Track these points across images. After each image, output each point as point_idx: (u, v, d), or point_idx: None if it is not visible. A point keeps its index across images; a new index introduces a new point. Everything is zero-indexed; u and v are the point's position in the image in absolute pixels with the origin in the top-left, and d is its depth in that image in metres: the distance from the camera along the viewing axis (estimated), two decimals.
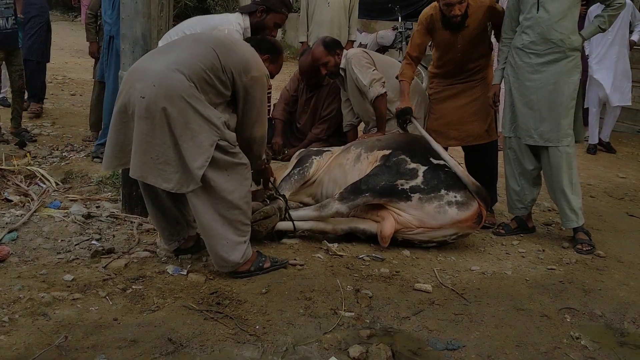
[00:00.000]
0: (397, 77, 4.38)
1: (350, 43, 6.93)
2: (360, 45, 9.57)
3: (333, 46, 4.61)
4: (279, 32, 14.91)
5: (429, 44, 4.42)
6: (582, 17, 6.94)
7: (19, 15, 6.03)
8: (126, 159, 3.10)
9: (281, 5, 3.93)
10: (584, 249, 4.02)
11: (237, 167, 3.18)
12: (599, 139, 7.14)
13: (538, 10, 3.90)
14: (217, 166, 3.07)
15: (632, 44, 6.96)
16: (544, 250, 4.04)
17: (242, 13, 3.90)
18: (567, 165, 4.00)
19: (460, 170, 3.85)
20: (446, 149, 4.53)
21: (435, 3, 4.19)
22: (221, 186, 3.10)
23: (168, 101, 2.94)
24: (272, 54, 3.67)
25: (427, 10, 4.28)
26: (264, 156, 3.53)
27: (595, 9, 6.89)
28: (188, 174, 3.00)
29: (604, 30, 4.09)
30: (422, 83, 6.43)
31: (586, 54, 7.10)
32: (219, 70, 3.11)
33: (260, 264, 3.35)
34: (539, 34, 3.92)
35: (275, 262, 3.43)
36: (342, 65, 4.65)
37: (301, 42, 6.93)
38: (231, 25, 3.79)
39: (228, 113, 3.23)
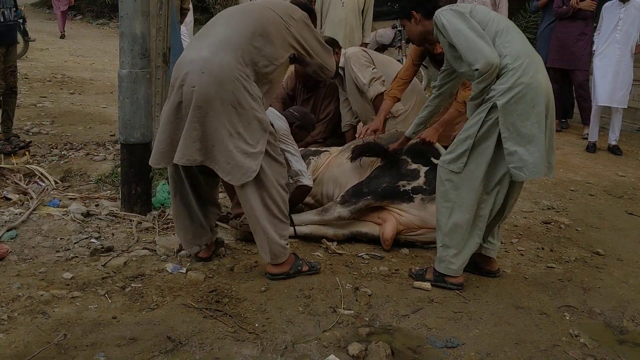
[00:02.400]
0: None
1: (364, 45, 6.88)
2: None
3: (332, 45, 4.60)
4: None
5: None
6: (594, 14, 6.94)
7: (19, 8, 5.87)
8: (180, 154, 3.02)
9: (312, 127, 4.25)
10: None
11: (280, 163, 3.21)
12: (608, 144, 7.11)
13: None
14: (268, 154, 3.09)
15: (639, 48, 6.86)
16: (542, 249, 4.04)
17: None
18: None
19: None
20: None
21: None
22: (269, 175, 3.12)
23: (219, 87, 2.93)
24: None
25: None
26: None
27: (610, 5, 6.88)
28: (244, 164, 3.00)
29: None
30: (421, 83, 6.43)
31: (593, 48, 7.09)
32: (267, 36, 3.07)
33: (299, 267, 3.34)
34: None
35: (312, 266, 3.41)
36: (341, 64, 4.64)
37: None
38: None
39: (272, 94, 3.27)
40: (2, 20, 5.30)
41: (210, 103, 2.93)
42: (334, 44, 4.64)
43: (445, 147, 4.17)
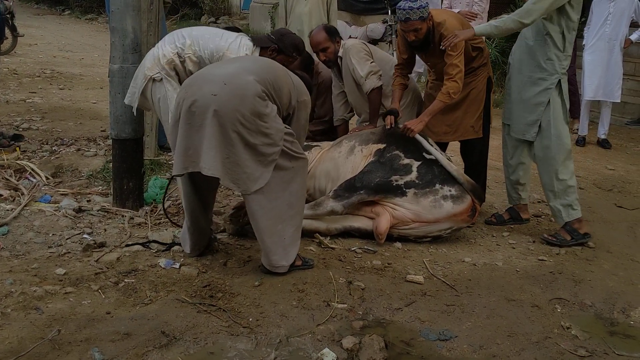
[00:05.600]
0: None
1: None
2: (350, 38, 9.53)
3: (334, 33, 4.60)
4: (269, 23, 14.86)
5: None
6: None
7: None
8: (189, 162, 3.03)
9: (293, 49, 3.98)
10: (548, 238, 4.07)
11: (299, 160, 3.22)
12: (598, 138, 7.14)
13: None
14: (283, 156, 3.13)
15: (627, 43, 6.91)
16: (534, 242, 4.07)
17: (254, 44, 3.86)
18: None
19: (455, 168, 3.87)
20: (447, 144, 4.55)
21: None
22: (284, 177, 3.14)
23: (239, 99, 2.97)
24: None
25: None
26: None
27: (599, 0, 6.91)
28: (255, 174, 3.04)
29: (496, 35, 3.93)
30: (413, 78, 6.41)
31: (582, 43, 7.09)
32: (281, 88, 3.17)
33: (293, 262, 3.33)
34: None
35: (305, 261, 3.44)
36: (339, 54, 4.63)
37: None
38: (240, 54, 3.75)
39: None
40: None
41: (230, 113, 2.95)
42: (336, 33, 4.63)
43: (439, 143, 4.22)
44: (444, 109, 4.28)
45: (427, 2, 3.99)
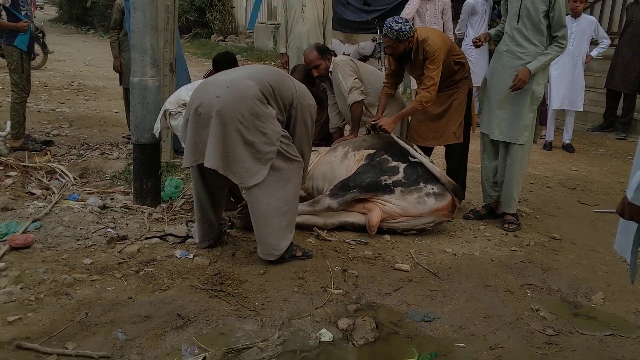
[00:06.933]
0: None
1: None
2: (344, 54, 9.54)
3: (325, 52, 4.60)
4: (271, 41, 14.85)
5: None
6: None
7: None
8: (198, 156, 3.09)
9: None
10: (510, 227, 4.16)
11: (294, 162, 3.22)
12: (563, 142, 7.14)
13: (518, 21, 3.99)
14: (279, 156, 3.13)
15: (588, 58, 6.93)
16: (507, 234, 4.07)
17: None
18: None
19: (438, 170, 3.87)
20: (431, 149, 4.56)
21: None
22: (280, 176, 3.14)
23: (240, 101, 2.99)
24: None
25: None
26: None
27: None
28: (253, 170, 3.05)
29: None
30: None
31: None
32: (282, 90, 3.18)
33: (293, 252, 3.35)
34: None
35: (305, 252, 3.44)
36: (330, 69, 4.63)
37: (281, 53, 6.88)
38: None
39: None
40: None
41: (230, 113, 2.97)
42: (327, 51, 4.63)
43: (423, 147, 4.22)
44: (430, 117, 4.29)
45: (409, 28, 3.96)
